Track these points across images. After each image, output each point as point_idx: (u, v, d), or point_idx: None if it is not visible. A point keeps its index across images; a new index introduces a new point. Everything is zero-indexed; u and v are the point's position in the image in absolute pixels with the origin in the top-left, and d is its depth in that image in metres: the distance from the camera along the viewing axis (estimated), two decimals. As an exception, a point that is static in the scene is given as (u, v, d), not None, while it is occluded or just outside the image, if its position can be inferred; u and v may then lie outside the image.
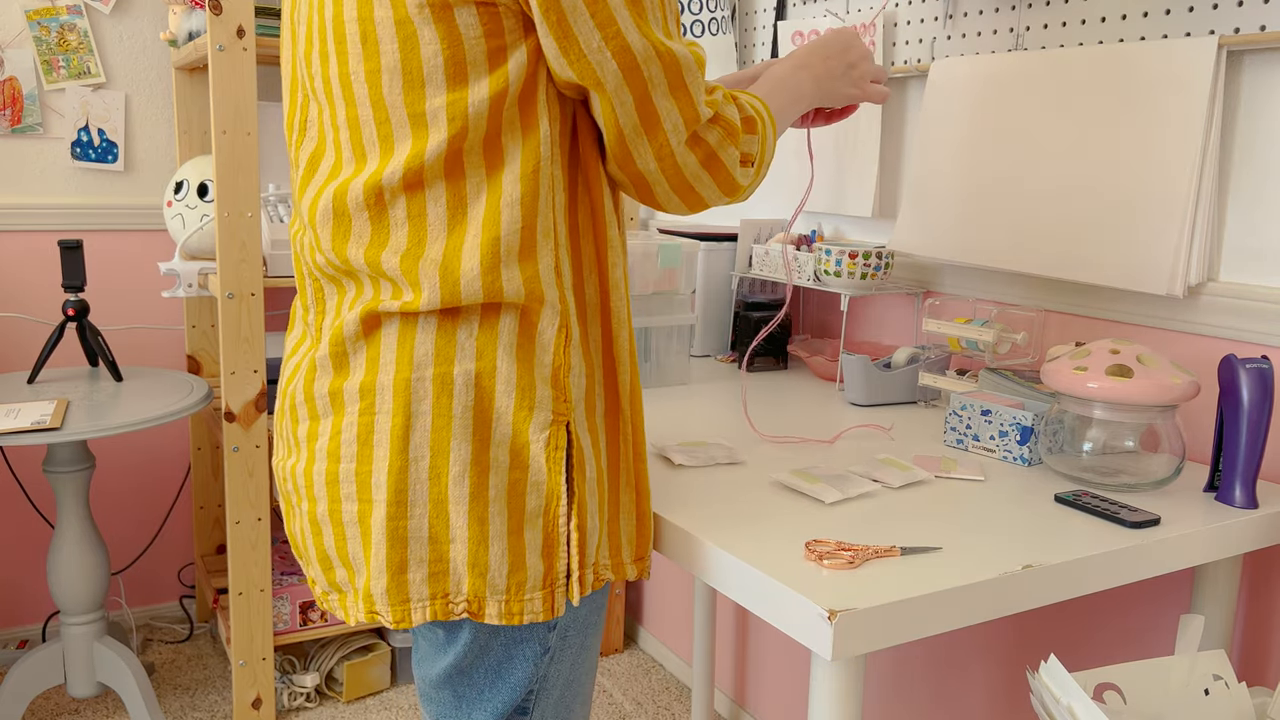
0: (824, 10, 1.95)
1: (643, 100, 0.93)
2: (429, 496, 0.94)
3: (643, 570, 1.05)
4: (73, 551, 2.00)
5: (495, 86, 0.90)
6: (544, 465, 0.95)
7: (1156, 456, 1.20)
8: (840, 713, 0.91)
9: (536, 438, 0.94)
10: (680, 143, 0.96)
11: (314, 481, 0.98)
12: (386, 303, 0.94)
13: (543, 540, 0.95)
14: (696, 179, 0.99)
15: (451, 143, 0.90)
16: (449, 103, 0.90)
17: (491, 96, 0.90)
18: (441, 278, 0.92)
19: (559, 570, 0.96)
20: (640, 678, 2.55)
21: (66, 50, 2.43)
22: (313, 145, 0.99)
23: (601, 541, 1.00)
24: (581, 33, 0.89)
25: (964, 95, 1.64)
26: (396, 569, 0.94)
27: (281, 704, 2.33)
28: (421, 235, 0.93)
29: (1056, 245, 1.49)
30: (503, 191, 0.92)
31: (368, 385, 0.95)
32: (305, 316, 1.05)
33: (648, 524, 1.05)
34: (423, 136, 0.91)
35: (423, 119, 0.91)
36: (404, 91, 0.90)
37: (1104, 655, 1.51)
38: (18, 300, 2.49)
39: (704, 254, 1.93)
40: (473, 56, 0.89)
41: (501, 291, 0.93)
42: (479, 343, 0.94)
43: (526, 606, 0.96)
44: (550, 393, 0.95)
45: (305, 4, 0.98)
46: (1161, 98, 1.36)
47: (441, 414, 0.93)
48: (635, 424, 1.04)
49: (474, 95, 0.90)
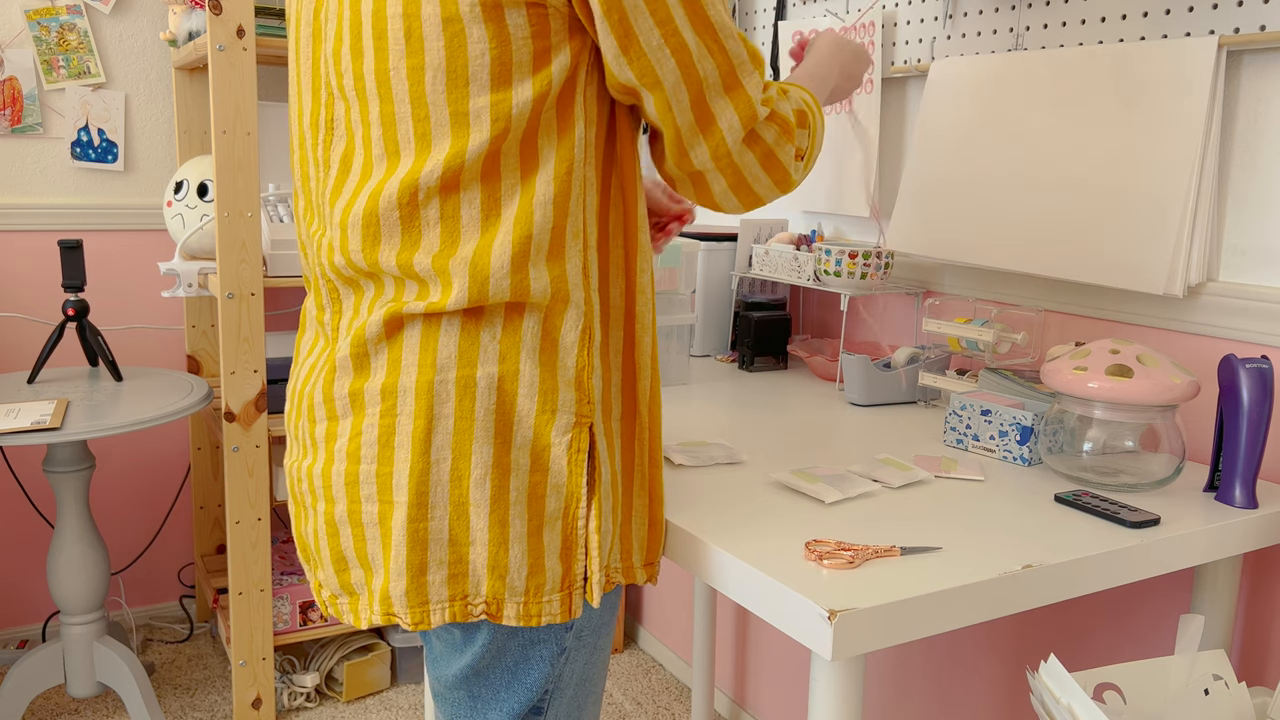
0: (824, 10, 1.95)
1: (698, 99, 0.94)
2: (450, 499, 0.93)
3: (651, 575, 1.05)
4: (73, 551, 2.00)
5: (538, 88, 0.90)
6: (565, 468, 0.95)
7: (1156, 456, 1.20)
8: (840, 713, 0.91)
9: (559, 440, 0.94)
10: (737, 141, 0.96)
11: (332, 482, 0.98)
12: (411, 304, 0.94)
13: (561, 542, 0.95)
14: (755, 178, 1.00)
15: (493, 143, 0.90)
16: (493, 103, 0.90)
17: (534, 98, 0.90)
18: (471, 275, 0.92)
19: (577, 573, 0.96)
20: (640, 678, 2.55)
21: (66, 50, 2.43)
22: (343, 145, 0.98)
23: (614, 544, 1.00)
24: (642, 31, 0.90)
25: (964, 95, 1.64)
26: (417, 571, 0.94)
27: (281, 704, 2.33)
28: (455, 236, 0.93)
29: (1056, 245, 1.49)
30: (536, 191, 0.92)
31: (389, 387, 0.94)
32: (320, 317, 1.04)
33: (659, 530, 1.05)
34: (464, 136, 0.91)
35: (465, 118, 0.90)
36: (447, 89, 0.90)
37: (1104, 655, 1.51)
38: (18, 300, 2.49)
39: (704, 254, 1.93)
40: (519, 57, 0.90)
41: (529, 290, 0.93)
42: (502, 346, 0.93)
43: (545, 609, 0.96)
44: (574, 395, 0.95)
45: (336, 1, 0.97)
46: (1161, 98, 1.36)
47: (464, 417, 0.93)
48: (653, 430, 1.03)
49: (518, 96, 0.90)
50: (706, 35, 0.92)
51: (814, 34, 1.44)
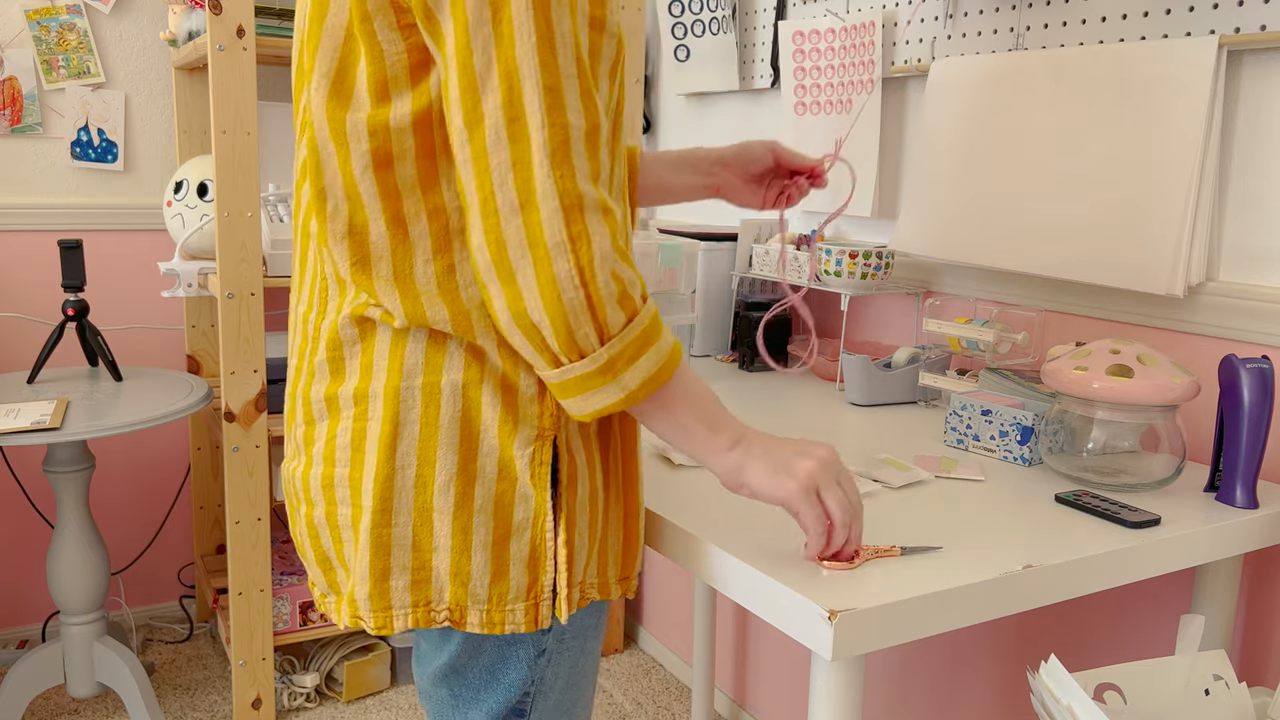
0: (824, 10, 1.95)
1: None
2: (414, 505, 0.93)
3: (627, 589, 1.04)
4: (73, 551, 2.00)
5: (418, 103, 0.88)
6: (529, 481, 0.94)
7: (1157, 456, 1.20)
8: (840, 713, 0.91)
9: (521, 453, 0.93)
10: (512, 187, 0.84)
11: (310, 485, 0.99)
12: (371, 308, 0.94)
13: (529, 553, 0.94)
14: (517, 252, 0.85)
15: (375, 156, 0.89)
16: (369, 117, 0.89)
17: (413, 112, 0.88)
18: (402, 298, 0.91)
19: (544, 584, 0.95)
20: (640, 678, 2.55)
21: (66, 50, 2.43)
22: (305, 151, 0.99)
23: (590, 560, 0.99)
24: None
25: (964, 95, 1.64)
26: (379, 576, 0.94)
27: (281, 704, 2.33)
28: (365, 250, 0.92)
29: (1056, 245, 1.49)
30: (449, 217, 0.90)
31: (361, 392, 0.94)
32: (308, 315, 1.04)
33: (636, 544, 1.04)
34: (344, 147, 0.90)
35: (341, 125, 0.90)
36: (328, 99, 0.90)
37: (1104, 655, 1.51)
38: (18, 300, 2.49)
39: (704, 254, 1.92)
40: (394, 72, 0.88)
41: (466, 309, 0.91)
42: (467, 354, 0.93)
43: (508, 617, 0.95)
44: (536, 409, 0.94)
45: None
46: (1161, 98, 1.36)
47: (429, 424, 0.92)
48: (626, 441, 1.02)
49: (396, 111, 0.88)
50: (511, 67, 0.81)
51: (814, 34, 1.41)
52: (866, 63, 1.83)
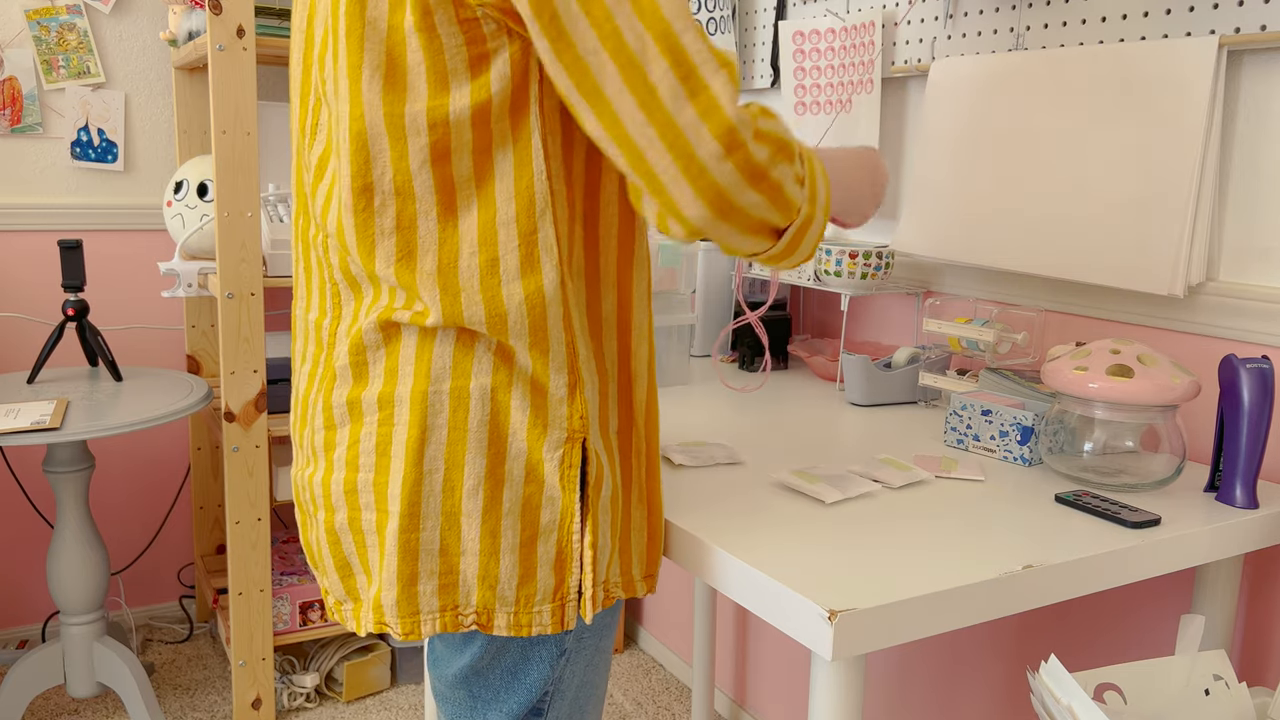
0: (824, 10, 1.95)
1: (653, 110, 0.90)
2: (442, 509, 0.93)
3: (651, 586, 1.05)
4: (73, 551, 2.00)
5: (478, 96, 0.88)
6: (558, 483, 0.94)
7: (1157, 456, 1.20)
8: (840, 713, 0.91)
9: (550, 456, 0.93)
10: (712, 156, 0.91)
11: (331, 491, 0.98)
12: (399, 311, 0.93)
13: (555, 554, 0.95)
14: (744, 198, 0.89)
15: (434, 149, 0.89)
16: (429, 109, 0.88)
17: (473, 105, 0.88)
18: (442, 290, 0.91)
19: (570, 585, 0.96)
20: (640, 678, 2.55)
21: (66, 50, 2.43)
22: (322, 147, 0.98)
23: (614, 559, 0.99)
24: (577, 33, 0.84)
25: (964, 95, 1.64)
26: (407, 581, 0.94)
27: (281, 704, 2.33)
28: (412, 246, 0.91)
29: (1056, 245, 1.49)
30: (497, 209, 0.90)
31: (386, 396, 0.94)
32: (321, 320, 1.03)
33: (659, 541, 1.04)
34: (401, 140, 0.89)
35: (400, 120, 0.89)
36: (383, 91, 0.89)
37: (1104, 655, 1.51)
38: (18, 300, 2.49)
39: (704, 254, 1.93)
40: (453, 65, 0.87)
41: (504, 309, 0.91)
42: (495, 358, 0.93)
43: (535, 619, 0.95)
44: (565, 410, 0.94)
45: (326, 4, 0.96)
46: (1161, 98, 1.36)
47: (457, 428, 0.92)
48: (650, 440, 1.03)
49: (455, 103, 0.88)
50: (657, 33, 0.83)
51: (815, 34, 1.42)
52: (866, 63, 1.83)
